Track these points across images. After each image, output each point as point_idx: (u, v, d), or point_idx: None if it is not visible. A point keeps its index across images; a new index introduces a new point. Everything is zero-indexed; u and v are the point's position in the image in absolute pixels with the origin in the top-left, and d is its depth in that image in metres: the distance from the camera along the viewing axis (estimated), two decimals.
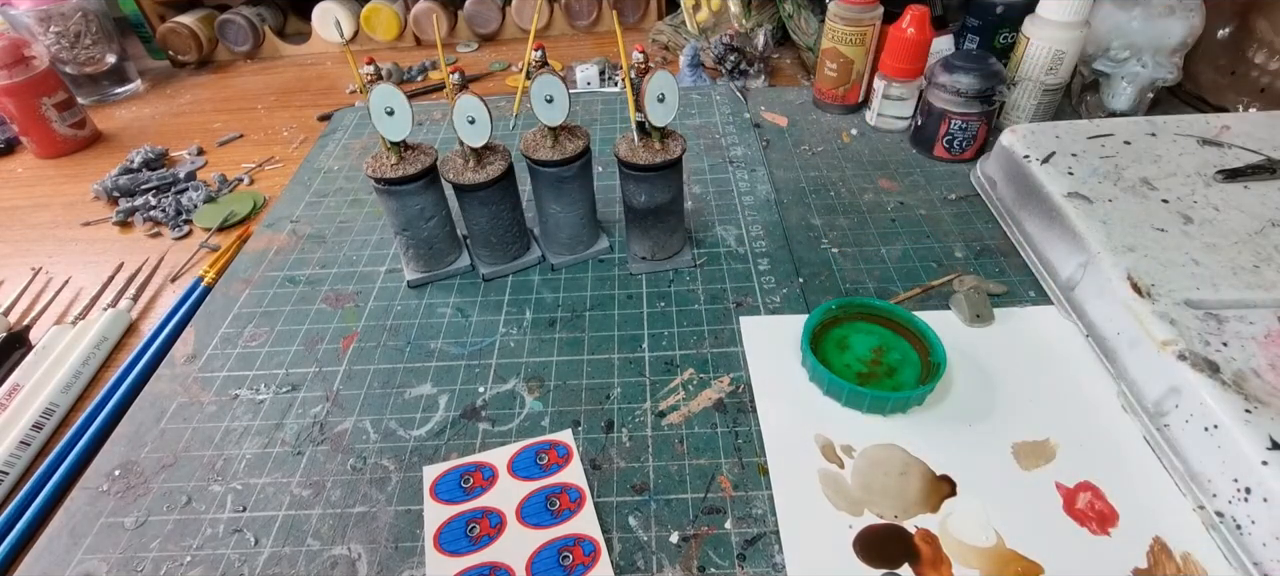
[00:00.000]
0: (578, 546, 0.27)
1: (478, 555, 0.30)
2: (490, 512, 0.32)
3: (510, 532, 0.31)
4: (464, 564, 0.30)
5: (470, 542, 0.31)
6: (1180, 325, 0.34)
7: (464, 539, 0.31)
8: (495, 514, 0.32)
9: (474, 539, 0.31)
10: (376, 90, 0.38)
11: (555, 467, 0.33)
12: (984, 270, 0.45)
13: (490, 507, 0.32)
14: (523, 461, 0.33)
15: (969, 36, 0.64)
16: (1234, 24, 0.59)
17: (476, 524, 0.32)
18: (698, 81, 0.74)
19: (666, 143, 0.41)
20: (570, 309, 0.44)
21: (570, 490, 0.30)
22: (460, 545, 0.31)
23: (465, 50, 0.89)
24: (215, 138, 0.69)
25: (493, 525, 0.31)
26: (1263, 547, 0.28)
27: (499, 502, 0.32)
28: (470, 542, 0.31)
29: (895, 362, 0.38)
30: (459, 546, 0.31)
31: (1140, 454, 0.34)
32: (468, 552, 0.30)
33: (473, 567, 0.30)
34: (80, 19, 0.73)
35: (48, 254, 0.54)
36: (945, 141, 0.56)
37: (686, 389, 0.38)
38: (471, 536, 0.31)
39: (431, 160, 0.42)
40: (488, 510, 0.32)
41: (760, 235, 0.50)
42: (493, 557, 0.30)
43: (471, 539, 0.31)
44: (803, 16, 0.73)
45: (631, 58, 0.40)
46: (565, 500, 0.29)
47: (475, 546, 0.31)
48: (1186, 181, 0.45)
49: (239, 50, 0.88)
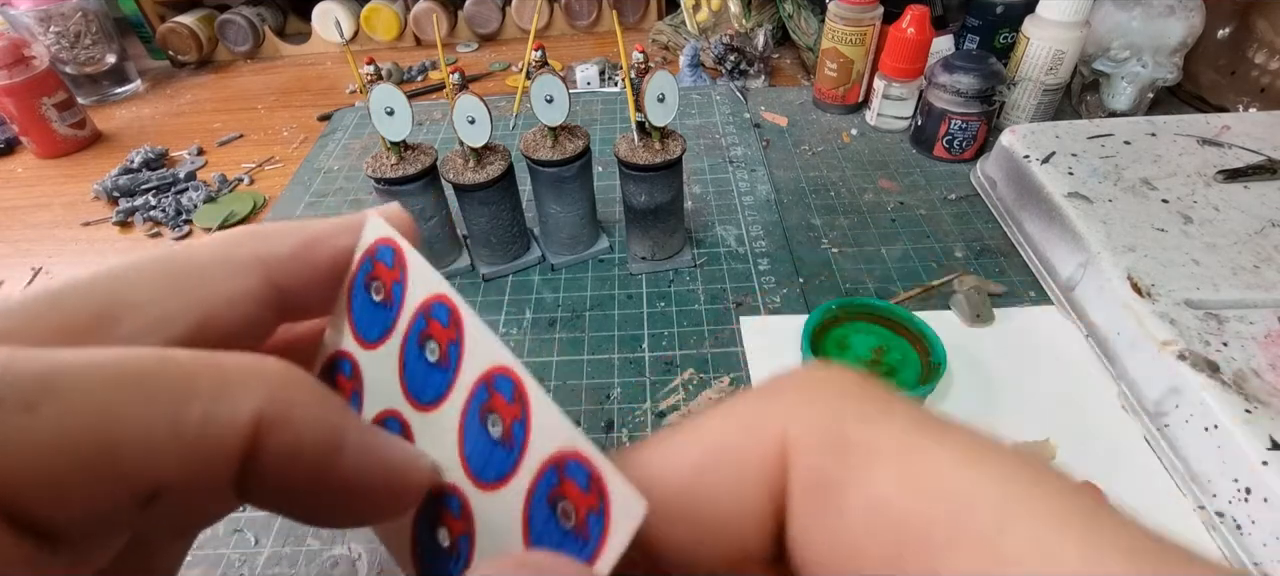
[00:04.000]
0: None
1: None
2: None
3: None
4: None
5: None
6: (1180, 325, 0.34)
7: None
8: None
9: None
10: (376, 90, 0.38)
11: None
12: (984, 270, 0.45)
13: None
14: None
15: (969, 36, 0.64)
16: (1234, 24, 0.59)
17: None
18: (698, 81, 0.73)
19: (666, 143, 0.41)
20: (570, 309, 0.44)
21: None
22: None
23: (465, 50, 0.89)
24: (215, 138, 0.69)
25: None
26: (1263, 547, 0.28)
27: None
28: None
29: (895, 363, 0.38)
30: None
31: (1140, 454, 0.34)
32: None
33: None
34: (80, 19, 0.73)
35: (48, 254, 0.54)
36: (945, 141, 0.56)
37: (686, 389, 0.38)
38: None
39: (431, 160, 0.42)
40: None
41: (760, 235, 0.50)
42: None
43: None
44: (803, 16, 0.73)
45: (631, 58, 0.40)
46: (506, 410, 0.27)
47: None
48: (1187, 181, 0.45)
49: (239, 50, 0.88)
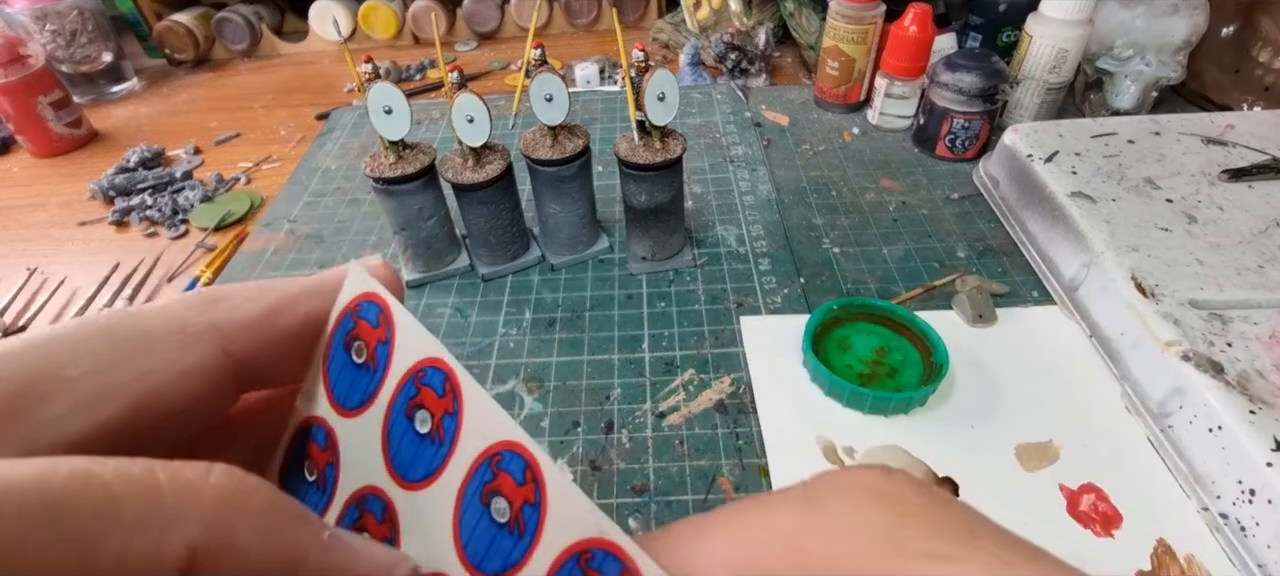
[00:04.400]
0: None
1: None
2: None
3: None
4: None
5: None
6: (1184, 326, 0.34)
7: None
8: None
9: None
10: (374, 89, 0.37)
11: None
12: (986, 270, 0.45)
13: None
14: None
15: (971, 34, 0.64)
16: (1238, 22, 0.59)
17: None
18: (698, 80, 0.73)
19: (667, 142, 0.41)
20: (570, 309, 0.44)
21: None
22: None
23: (464, 48, 0.88)
24: (212, 137, 0.69)
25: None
26: (1267, 549, 0.28)
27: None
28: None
29: (897, 363, 0.38)
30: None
31: (1144, 455, 0.33)
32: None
33: None
34: (76, 17, 0.73)
35: (44, 254, 0.53)
36: (948, 140, 0.56)
37: (687, 390, 0.38)
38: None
39: (430, 159, 0.42)
40: None
41: (761, 235, 0.49)
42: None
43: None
44: (804, 14, 0.73)
45: (631, 56, 0.40)
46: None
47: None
48: (1191, 181, 0.44)
49: (236, 48, 0.88)
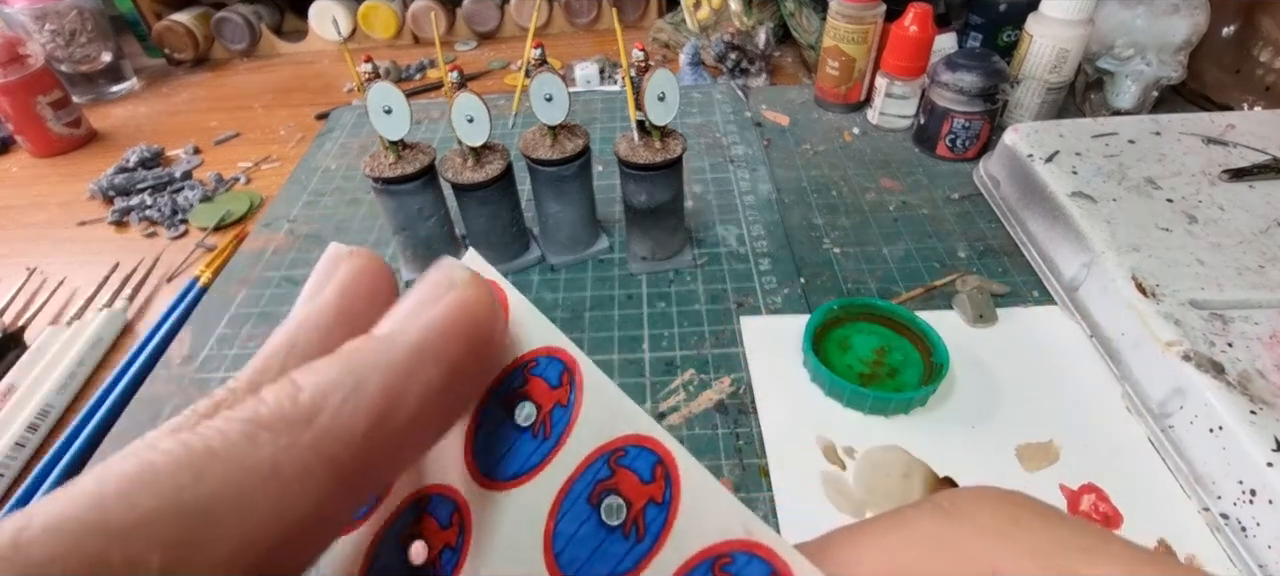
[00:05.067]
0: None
1: None
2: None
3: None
4: None
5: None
6: (1185, 326, 0.34)
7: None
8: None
9: None
10: (374, 89, 0.37)
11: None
12: (987, 270, 0.45)
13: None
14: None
15: (972, 34, 0.64)
16: (1239, 22, 0.59)
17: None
18: (698, 80, 0.73)
19: (667, 142, 0.41)
20: (570, 309, 0.44)
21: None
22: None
23: (464, 48, 0.88)
24: (212, 136, 0.69)
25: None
26: (1268, 549, 0.28)
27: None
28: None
29: (897, 363, 0.38)
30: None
31: (1144, 455, 0.33)
32: None
33: None
34: (75, 17, 0.73)
35: (43, 254, 0.53)
36: (948, 140, 0.56)
37: (687, 390, 0.38)
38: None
39: (430, 159, 0.42)
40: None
41: (761, 235, 0.49)
42: None
43: None
44: (804, 14, 0.73)
45: (631, 56, 0.40)
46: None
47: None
48: (1191, 181, 0.44)
49: (235, 48, 0.88)
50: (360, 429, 0.09)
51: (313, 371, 0.09)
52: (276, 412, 0.09)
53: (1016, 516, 0.10)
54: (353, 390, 0.09)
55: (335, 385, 0.09)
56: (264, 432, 0.09)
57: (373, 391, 0.09)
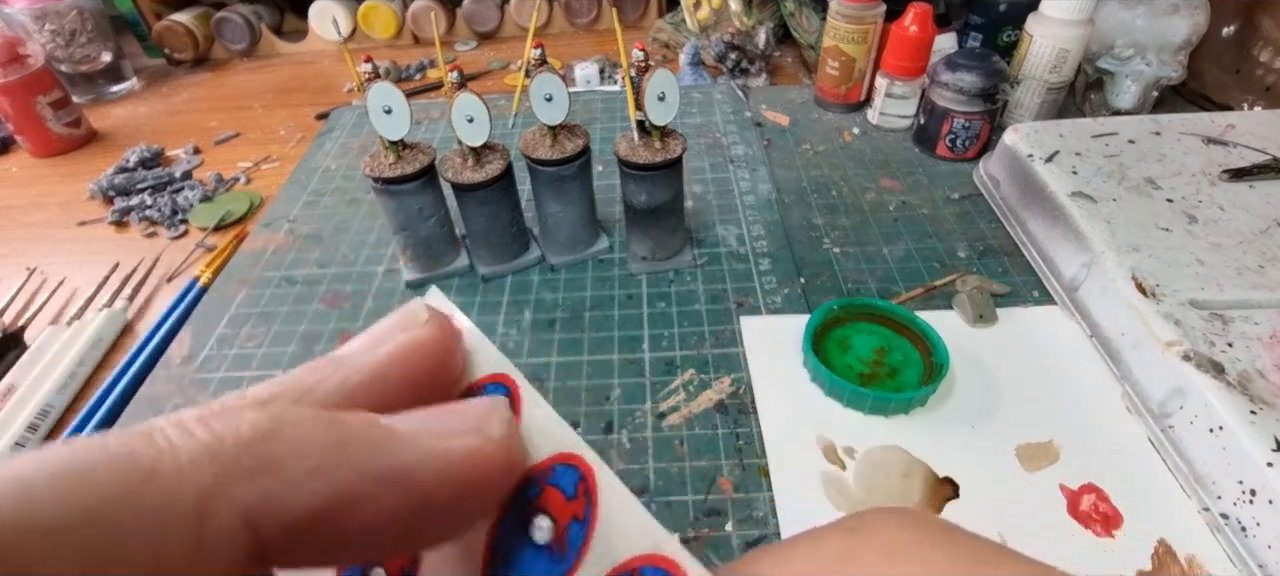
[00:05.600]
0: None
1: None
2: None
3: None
4: None
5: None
6: (1185, 326, 0.34)
7: None
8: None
9: None
10: (374, 89, 0.37)
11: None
12: (987, 270, 0.45)
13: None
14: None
15: (972, 34, 0.64)
16: (1239, 22, 0.59)
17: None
18: (698, 80, 0.73)
19: (667, 142, 0.41)
20: (570, 309, 0.44)
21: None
22: None
23: (464, 48, 0.88)
24: (211, 136, 0.69)
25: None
26: (1268, 549, 0.28)
27: None
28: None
29: (897, 363, 0.38)
30: None
31: (1144, 455, 0.33)
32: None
33: None
34: (75, 17, 0.73)
35: (43, 254, 0.53)
36: (948, 140, 0.56)
37: (687, 390, 0.38)
38: None
39: (430, 159, 0.42)
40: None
41: (761, 235, 0.49)
42: None
43: None
44: (804, 14, 0.73)
45: (631, 56, 0.40)
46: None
47: None
48: (1191, 181, 0.44)
49: (235, 48, 0.88)
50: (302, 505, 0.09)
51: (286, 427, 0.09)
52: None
53: (919, 537, 0.10)
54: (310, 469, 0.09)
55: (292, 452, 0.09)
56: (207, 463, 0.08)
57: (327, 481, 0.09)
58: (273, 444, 0.09)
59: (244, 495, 0.08)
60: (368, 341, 0.12)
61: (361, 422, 0.10)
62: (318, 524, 0.09)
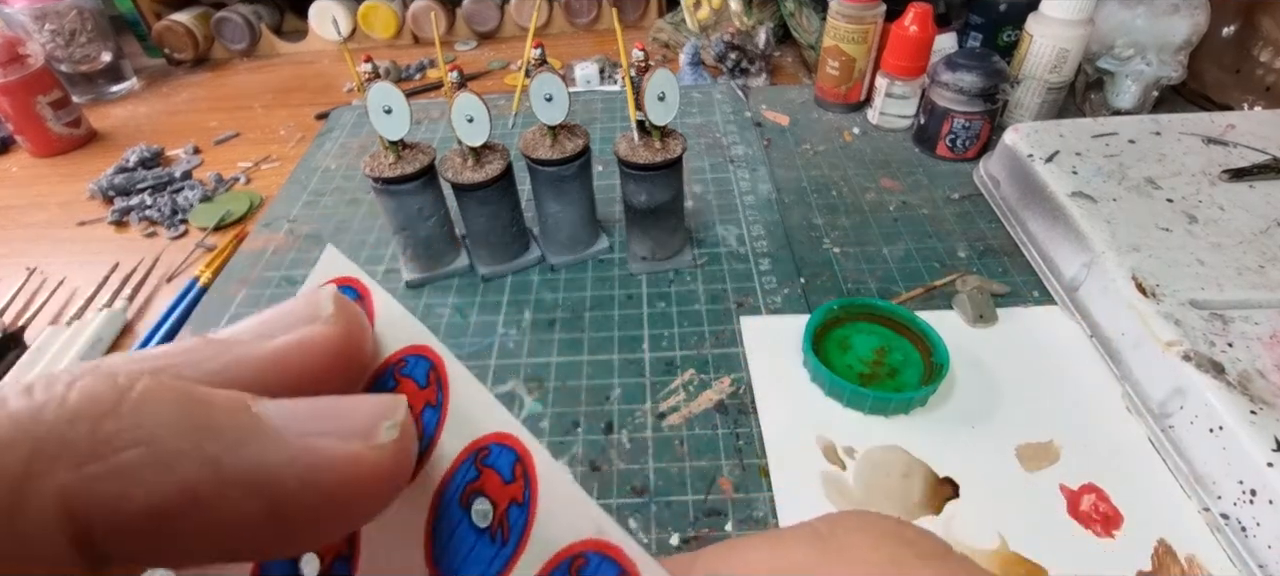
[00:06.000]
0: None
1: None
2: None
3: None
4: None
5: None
6: (1185, 326, 0.34)
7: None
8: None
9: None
10: (374, 88, 0.37)
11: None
12: (987, 270, 0.45)
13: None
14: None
15: (972, 34, 0.64)
16: (1239, 22, 0.59)
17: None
18: (698, 80, 0.73)
19: (667, 142, 0.41)
20: (570, 309, 0.44)
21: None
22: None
23: (464, 48, 0.88)
24: (211, 136, 0.69)
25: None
26: (1268, 549, 0.28)
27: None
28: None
29: (897, 363, 0.38)
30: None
31: (1144, 455, 0.33)
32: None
33: None
34: (75, 17, 0.73)
35: (43, 254, 0.53)
36: (948, 140, 0.56)
37: (687, 390, 0.38)
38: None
39: (429, 159, 0.42)
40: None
41: (761, 235, 0.49)
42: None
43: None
44: (804, 14, 0.73)
45: (631, 56, 0.40)
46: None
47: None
48: (1191, 181, 0.44)
49: (235, 48, 0.88)
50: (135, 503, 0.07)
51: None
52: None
53: (895, 557, 0.09)
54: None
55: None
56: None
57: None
58: (107, 420, 0.07)
59: (64, 479, 0.07)
60: (260, 326, 0.10)
61: (228, 404, 0.08)
62: (159, 523, 0.07)
